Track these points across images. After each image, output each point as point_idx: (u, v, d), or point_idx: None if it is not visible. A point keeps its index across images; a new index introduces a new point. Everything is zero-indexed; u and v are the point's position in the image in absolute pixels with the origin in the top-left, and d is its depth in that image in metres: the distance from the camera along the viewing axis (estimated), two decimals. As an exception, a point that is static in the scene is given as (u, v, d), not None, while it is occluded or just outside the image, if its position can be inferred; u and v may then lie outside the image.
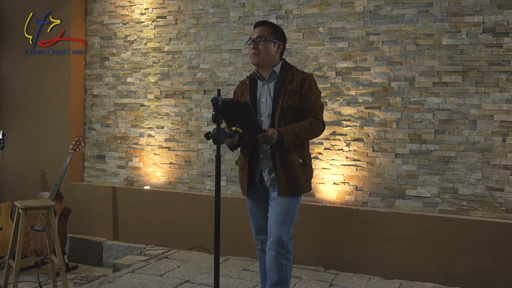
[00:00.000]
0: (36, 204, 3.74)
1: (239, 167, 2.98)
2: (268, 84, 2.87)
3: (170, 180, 4.95)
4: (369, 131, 4.16)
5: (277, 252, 2.74)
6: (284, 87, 2.81)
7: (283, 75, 2.84)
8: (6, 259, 3.78)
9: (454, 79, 3.91)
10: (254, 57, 2.83)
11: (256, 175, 2.88)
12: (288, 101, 2.78)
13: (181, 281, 3.76)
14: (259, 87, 2.90)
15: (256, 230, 3.00)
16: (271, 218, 2.81)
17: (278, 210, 2.78)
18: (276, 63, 2.88)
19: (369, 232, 4.03)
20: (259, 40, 2.81)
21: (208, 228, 4.43)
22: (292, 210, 2.80)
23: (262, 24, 2.89)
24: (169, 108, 4.95)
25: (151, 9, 5.03)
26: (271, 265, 2.76)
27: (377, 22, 4.12)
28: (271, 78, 2.87)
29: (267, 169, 2.84)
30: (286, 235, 2.76)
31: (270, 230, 2.79)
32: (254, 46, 2.82)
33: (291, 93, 2.79)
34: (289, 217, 2.79)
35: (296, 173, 2.79)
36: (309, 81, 2.83)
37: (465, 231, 3.76)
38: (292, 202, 2.80)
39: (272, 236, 2.77)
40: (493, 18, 3.79)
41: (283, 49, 2.93)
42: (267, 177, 2.85)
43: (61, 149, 5.20)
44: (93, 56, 5.34)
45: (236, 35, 4.64)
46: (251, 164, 2.88)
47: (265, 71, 2.88)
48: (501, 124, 3.79)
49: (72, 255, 5.09)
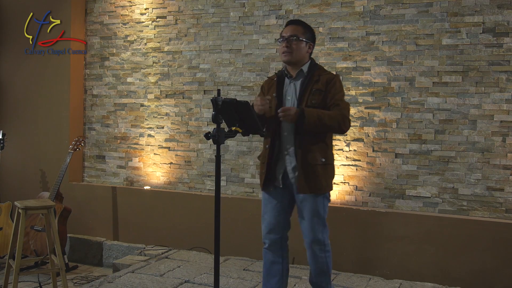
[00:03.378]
0: (36, 204, 3.74)
1: (261, 161, 3.00)
2: (295, 82, 2.92)
3: (170, 180, 4.95)
4: (369, 131, 4.16)
5: (316, 249, 2.90)
6: (310, 86, 2.85)
7: (310, 74, 2.89)
8: (6, 259, 3.78)
9: (454, 79, 3.91)
10: (286, 55, 2.88)
11: (280, 172, 2.90)
12: (312, 100, 2.81)
13: (181, 281, 3.76)
14: (286, 85, 2.95)
15: (267, 228, 3.00)
16: (303, 221, 2.89)
17: (309, 213, 2.86)
18: (304, 62, 2.92)
19: (369, 232, 4.03)
20: (292, 38, 2.86)
21: (208, 228, 4.42)
22: (322, 210, 2.88)
23: (295, 23, 2.94)
24: (169, 108, 4.95)
25: (151, 9, 5.03)
26: (312, 260, 2.93)
27: (377, 22, 4.12)
28: (298, 76, 2.92)
29: (291, 166, 2.87)
30: (322, 233, 2.88)
31: (305, 232, 2.89)
32: (287, 44, 2.86)
33: (316, 92, 2.83)
34: (321, 217, 2.89)
35: (318, 172, 2.82)
36: (335, 81, 2.87)
37: (465, 231, 3.76)
38: (319, 203, 2.87)
39: (308, 238, 2.88)
40: (493, 18, 3.79)
41: (313, 50, 2.98)
42: (291, 174, 2.87)
43: (61, 149, 5.20)
44: (93, 56, 5.34)
45: (236, 35, 4.64)
46: (272, 159, 2.89)
47: (293, 69, 2.93)
48: (501, 124, 3.79)
49: (72, 255, 5.09)
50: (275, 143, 2.88)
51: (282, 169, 2.89)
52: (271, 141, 2.88)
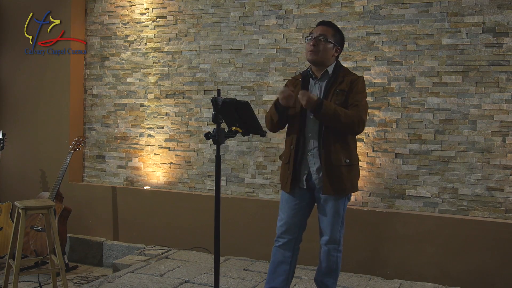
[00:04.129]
0: (36, 204, 3.74)
1: (283, 162, 2.99)
2: (320, 83, 2.93)
3: (170, 180, 4.95)
4: (369, 131, 4.16)
5: (331, 248, 2.91)
6: (334, 87, 2.86)
7: (335, 75, 2.89)
8: (6, 259, 3.78)
9: (454, 79, 3.91)
10: (311, 54, 2.87)
11: (304, 173, 2.90)
12: (336, 100, 2.82)
13: (181, 281, 3.76)
14: (311, 85, 2.96)
15: (283, 227, 2.98)
16: (323, 219, 2.91)
17: (330, 213, 2.88)
18: (330, 64, 2.92)
19: (369, 232, 4.03)
20: (320, 38, 2.86)
21: (208, 228, 4.42)
22: (341, 211, 2.90)
23: (327, 25, 2.94)
24: (169, 108, 4.95)
25: (151, 9, 5.03)
26: (325, 257, 2.94)
27: (377, 22, 4.12)
28: (323, 77, 2.92)
29: (315, 167, 2.86)
30: (339, 233, 2.92)
31: (324, 230, 2.92)
32: (314, 43, 2.86)
33: (340, 92, 2.84)
34: (340, 217, 2.91)
35: (342, 173, 2.82)
36: (358, 81, 2.88)
37: (465, 231, 3.76)
38: (340, 204, 2.88)
39: (327, 235, 2.91)
40: (493, 18, 3.79)
41: (339, 54, 2.98)
42: (315, 175, 2.87)
43: (61, 149, 5.20)
44: (93, 56, 5.34)
45: (236, 35, 4.64)
46: (296, 160, 2.89)
47: (318, 70, 2.93)
48: (501, 124, 3.79)
49: (72, 255, 5.09)
50: (299, 143, 2.88)
51: (306, 170, 2.89)
52: (296, 141, 2.88)
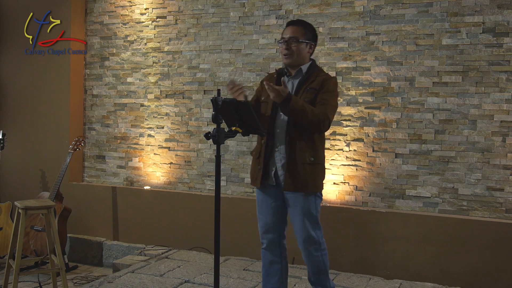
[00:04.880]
0: (36, 204, 3.74)
1: (254, 156, 3.00)
2: (293, 81, 2.94)
3: (170, 180, 4.95)
4: (369, 131, 4.16)
5: (310, 249, 2.88)
6: (306, 85, 2.87)
7: (308, 74, 2.90)
8: (6, 259, 3.78)
9: (454, 79, 3.91)
10: (287, 58, 2.89)
11: (272, 169, 2.90)
12: (305, 98, 2.83)
13: (181, 281, 3.76)
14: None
15: (263, 228, 3.00)
16: (294, 220, 2.88)
17: (300, 214, 2.84)
18: (305, 63, 2.93)
19: (369, 232, 4.02)
20: (292, 41, 2.86)
21: (208, 228, 4.42)
22: (313, 209, 2.86)
23: (296, 24, 2.94)
24: (169, 108, 4.95)
25: (151, 9, 5.03)
26: (307, 260, 2.90)
27: (377, 22, 4.12)
28: (297, 75, 2.94)
29: (281, 164, 2.87)
30: (315, 232, 2.85)
31: (297, 231, 2.87)
32: (287, 46, 2.87)
33: (310, 90, 2.85)
34: (313, 216, 2.86)
35: (305, 170, 2.81)
36: (329, 81, 2.88)
37: (465, 231, 3.76)
38: (310, 203, 2.85)
39: (300, 236, 2.85)
40: (493, 18, 3.79)
41: (314, 49, 2.99)
42: (280, 172, 2.87)
43: (61, 149, 5.20)
44: (93, 56, 5.34)
45: (236, 35, 4.64)
46: (266, 155, 2.89)
47: (294, 68, 2.94)
48: (501, 124, 3.79)
49: (72, 255, 5.09)
50: (269, 139, 2.89)
51: (274, 166, 2.89)
52: (266, 137, 2.90)
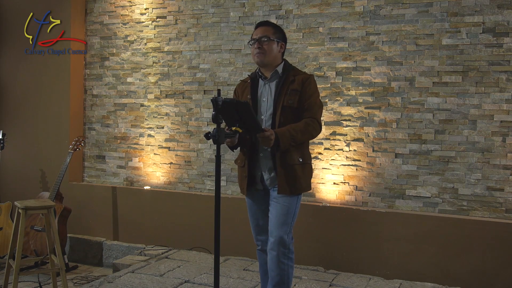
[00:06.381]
0: (36, 204, 3.74)
1: (239, 165, 2.98)
2: (270, 84, 2.90)
3: (170, 180, 4.95)
4: (369, 131, 4.16)
5: (279, 252, 2.76)
6: (286, 87, 2.84)
7: (285, 75, 2.87)
8: (6, 259, 3.78)
9: (454, 79, 3.91)
10: (259, 56, 2.85)
11: (257, 174, 2.89)
12: (289, 100, 2.80)
13: (181, 281, 3.76)
14: (261, 86, 2.93)
15: (256, 230, 3.00)
16: (272, 218, 2.82)
17: (279, 210, 2.79)
18: (278, 63, 2.91)
19: (369, 232, 4.02)
20: (263, 40, 2.85)
21: (208, 228, 4.43)
22: (293, 209, 2.81)
23: (265, 24, 2.93)
24: (169, 108, 4.95)
25: (151, 9, 5.03)
26: (273, 265, 2.78)
27: (377, 22, 4.12)
28: (273, 77, 2.90)
29: (267, 168, 2.85)
30: (288, 235, 2.79)
31: (271, 230, 2.80)
32: (259, 45, 2.85)
33: (293, 92, 2.82)
34: (290, 216, 2.80)
35: (296, 172, 2.80)
36: (310, 81, 2.86)
37: (465, 231, 3.76)
38: (292, 202, 2.81)
39: (273, 236, 2.78)
40: (493, 18, 3.79)
41: (285, 49, 2.97)
42: (267, 176, 2.85)
43: (61, 149, 5.20)
44: (93, 56, 5.34)
45: (236, 35, 4.64)
46: (250, 163, 2.88)
47: (267, 70, 2.91)
48: (501, 124, 3.79)
49: (72, 255, 5.09)
50: (252, 146, 2.86)
51: (259, 171, 2.88)
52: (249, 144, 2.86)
